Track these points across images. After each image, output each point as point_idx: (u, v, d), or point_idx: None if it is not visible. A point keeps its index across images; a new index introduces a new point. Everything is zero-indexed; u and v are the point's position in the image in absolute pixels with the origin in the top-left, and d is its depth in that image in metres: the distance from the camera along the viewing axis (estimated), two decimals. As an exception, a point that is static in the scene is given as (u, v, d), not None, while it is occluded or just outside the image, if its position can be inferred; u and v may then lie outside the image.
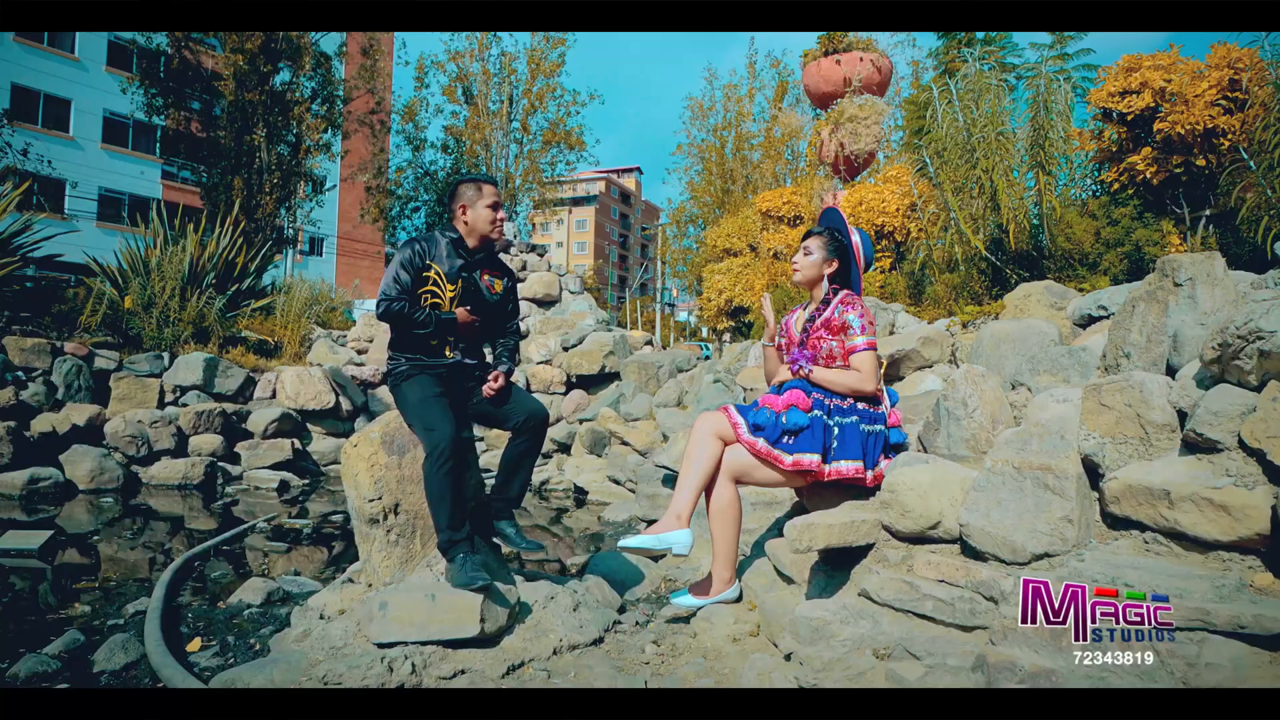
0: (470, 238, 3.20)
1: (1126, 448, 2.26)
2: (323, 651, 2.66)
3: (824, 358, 3.02)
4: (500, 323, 3.34)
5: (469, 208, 3.16)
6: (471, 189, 3.17)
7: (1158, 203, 4.03)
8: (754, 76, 21.09)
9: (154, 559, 4.91)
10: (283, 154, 15.08)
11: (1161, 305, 2.52)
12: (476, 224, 3.17)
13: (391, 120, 20.34)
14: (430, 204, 21.35)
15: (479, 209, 3.16)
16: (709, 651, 2.80)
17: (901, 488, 2.48)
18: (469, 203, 3.16)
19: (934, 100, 4.31)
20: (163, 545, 5.36)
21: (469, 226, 3.18)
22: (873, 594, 2.40)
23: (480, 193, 3.16)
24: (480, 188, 3.17)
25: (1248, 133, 3.54)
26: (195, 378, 8.18)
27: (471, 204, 3.16)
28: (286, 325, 9.62)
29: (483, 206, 3.16)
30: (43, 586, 4.11)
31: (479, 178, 3.21)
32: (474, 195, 3.16)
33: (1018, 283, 3.92)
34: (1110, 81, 3.96)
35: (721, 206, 21.47)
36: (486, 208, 3.16)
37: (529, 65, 20.42)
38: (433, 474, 2.83)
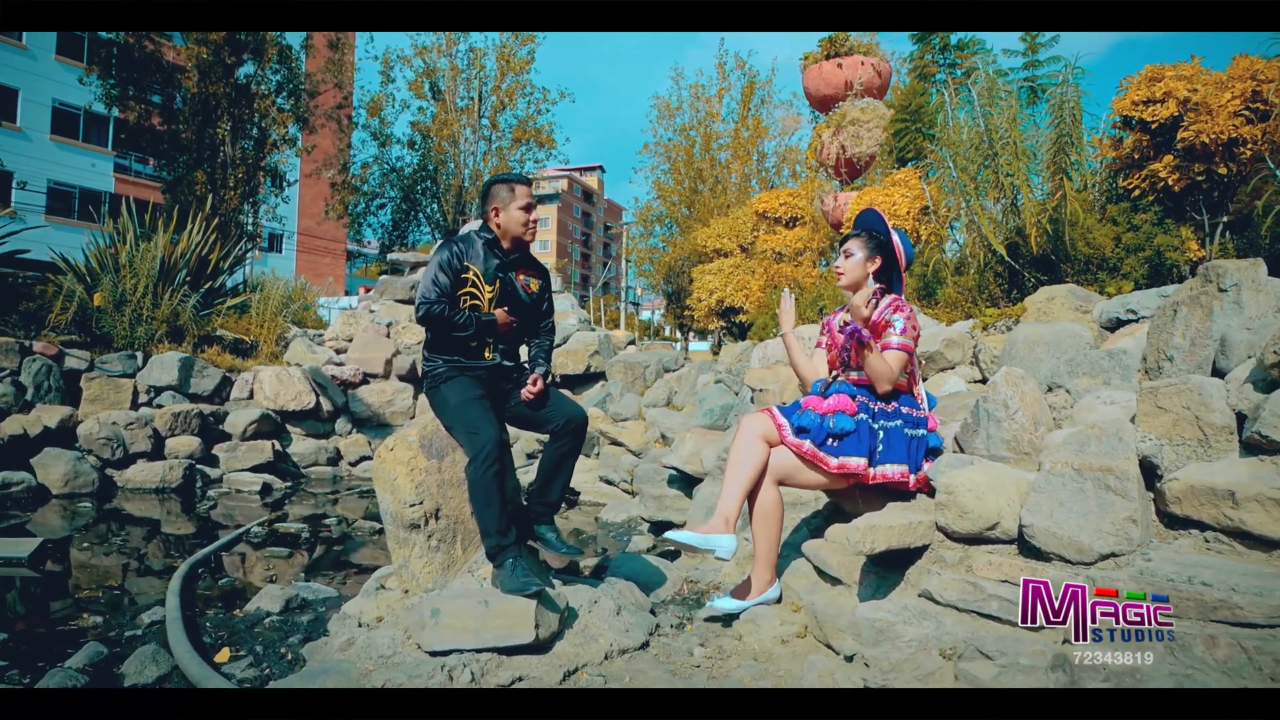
0: (504, 239, 3.14)
1: (1184, 449, 2.32)
2: (371, 660, 2.59)
3: (865, 356, 3.04)
4: (536, 322, 3.30)
5: (502, 209, 3.10)
6: (504, 190, 3.11)
7: (1177, 209, 4.16)
8: (724, 77, 21.17)
9: (148, 566, 4.75)
10: (247, 148, 14.71)
11: (1205, 310, 2.59)
12: (509, 226, 3.11)
13: (357, 115, 19.97)
14: (396, 201, 21.04)
15: (512, 211, 3.10)
16: (759, 654, 2.80)
17: (959, 489, 2.51)
18: (501, 204, 3.10)
19: (945, 104, 4.38)
20: (151, 551, 5.19)
21: (502, 229, 3.12)
22: (935, 595, 2.43)
23: (513, 194, 3.11)
24: (513, 188, 3.11)
25: (1270, 142, 3.67)
26: (170, 378, 7.94)
27: (504, 206, 3.10)
28: (263, 324, 9.39)
29: (515, 208, 3.10)
30: (36, 594, 3.95)
31: (512, 178, 3.15)
32: (507, 197, 3.10)
33: (1035, 286, 4.01)
34: (1132, 90, 4.07)
35: (690, 207, 21.53)
36: (519, 209, 3.11)
37: (498, 62, 20.22)
38: (479, 478, 2.78)
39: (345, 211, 20.40)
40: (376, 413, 9.14)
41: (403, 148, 20.85)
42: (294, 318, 10.41)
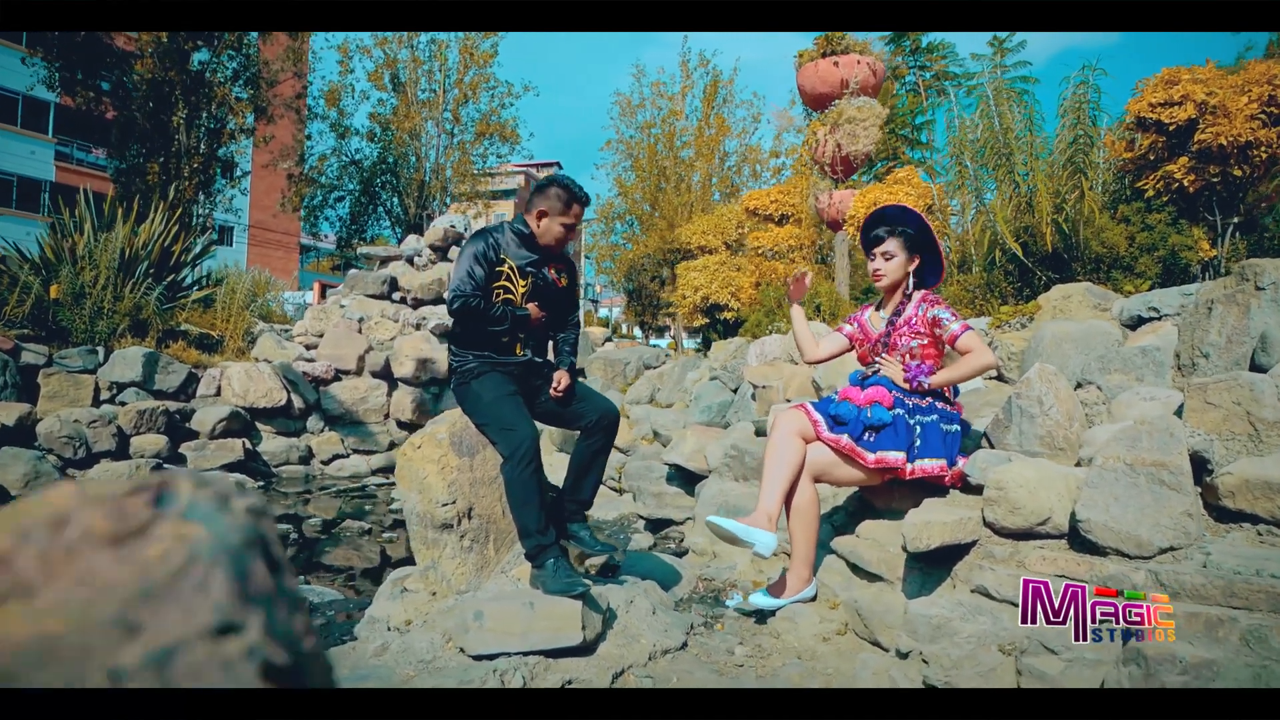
0: (539, 238, 3.02)
1: (1235, 444, 2.35)
2: (411, 665, 2.49)
3: (903, 354, 3.04)
4: (564, 316, 3.22)
5: (548, 216, 2.96)
6: (559, 203, 2.94)
7: (1190, 210, 4.26)
8: (688, 75, 21.16)
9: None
10: (203, 137, 14.22)
11: (1242, 308, 2.64)
12: (546, 233, 2.98)
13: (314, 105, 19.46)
14: (355, 194, 20.57)
15: (554, 224, 2.95)
16: (802, 652, 2.77)
17: (1010, 484, 2.51)
18: (550, 211, 2.95)
19: (953, 104, 4.43)
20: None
21: (540, 231, 3.00)
22: (991, 590, 2.43)
23: (567, 210, 2.95)
24: (569, 205, 2.95)
25: None
26: (134, 374, 7.62)
27: (552, 215, 2.95)
28: (229, 318, 9.07)
29: (560, 224, 2.96)
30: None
31: (575, 194, 2.97)
32: (559, 209, 2.94)
33: (1045, 284, 4.07)
34: (1149, 93, 4.15)
35: (654, 204, 21.47)
36: (562, 226, 2.97)
37: (461, 54, 19.90)
38: (516, 476, 2.70)
39: (302, 204, 19.87)
40: (349, 410, 8.91)
41: (362, 140, 20.39)
42: (260, 312, 10.08)
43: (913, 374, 2.96)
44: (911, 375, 2.96)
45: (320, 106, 19.43)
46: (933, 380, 2.95)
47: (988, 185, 4.31)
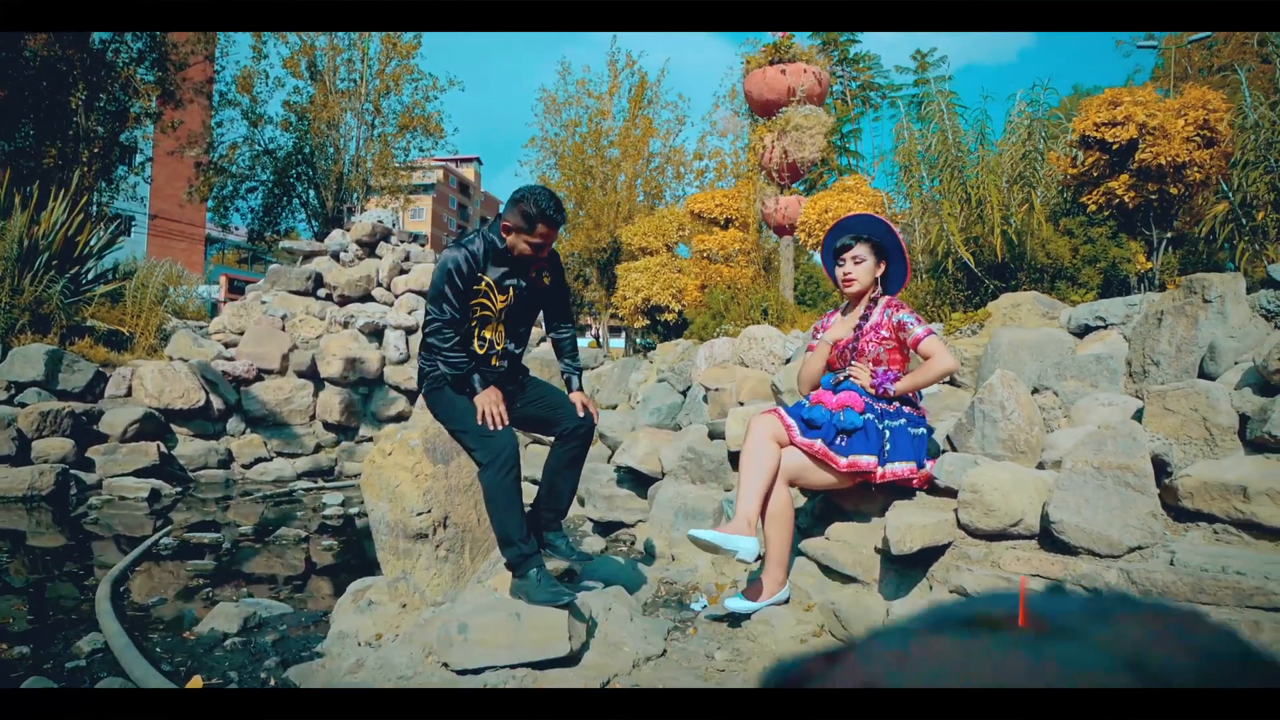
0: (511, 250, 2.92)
1: (1191, 448, 2.50)
2: (391, 682, 2.40)
3: (870, 360, 3.11)
4: (556, 313, 3.17)
5: (513, 231, 2.84)
6: (524, 221, 2.80)
7: (1128, 224, 4.51)
8: (615, 76, 21.16)
9: (39, 585, 4.24)
10: (103, 120, 13.36)
11: (1190, 319, 2.81)
12: (514, 248, 2.87)
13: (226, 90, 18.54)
14: (269, 184, 19.72)
15: (520, 241, 2.83)
16: (781, 655, 2.80)
17: (985, 488, 2.60)
18: (514, 229, 2.83)
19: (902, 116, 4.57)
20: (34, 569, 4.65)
21: (509, 243, 2.89)
22: (969, 590, 2.50)
23: (530, 230, 2.81)
24: (533, 226, 2.81)
25: (1218, 165, 4.06)
26: (35, 373, 7.10)
27: (517, 232, 2.83)
28: (139, 314, 8.54)
29: (524, 242, 2.84)
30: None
31: (548, 215, 2.81)
32: (523, 227, 2.81)
33: (994, 292, 4.24)
34: (1093, 113, 4.39)
35: (580, 204, 21.37)
36: (528, 244, 2.87)
37: (383, 44, 19.34)
38: (497, 484, 2.63)
39: (210, 194, 18.91)
40: (273, 411, 8.53)
41: (276, 129, 19.55)
42: (173, 308, 9.54)
43: (879, 380, 3.03)
44: (878, 382, 3.03)
45: (232, 92, 18.52)
46: (897, 387, 3.02)
47: (935, 197, 4.47)
